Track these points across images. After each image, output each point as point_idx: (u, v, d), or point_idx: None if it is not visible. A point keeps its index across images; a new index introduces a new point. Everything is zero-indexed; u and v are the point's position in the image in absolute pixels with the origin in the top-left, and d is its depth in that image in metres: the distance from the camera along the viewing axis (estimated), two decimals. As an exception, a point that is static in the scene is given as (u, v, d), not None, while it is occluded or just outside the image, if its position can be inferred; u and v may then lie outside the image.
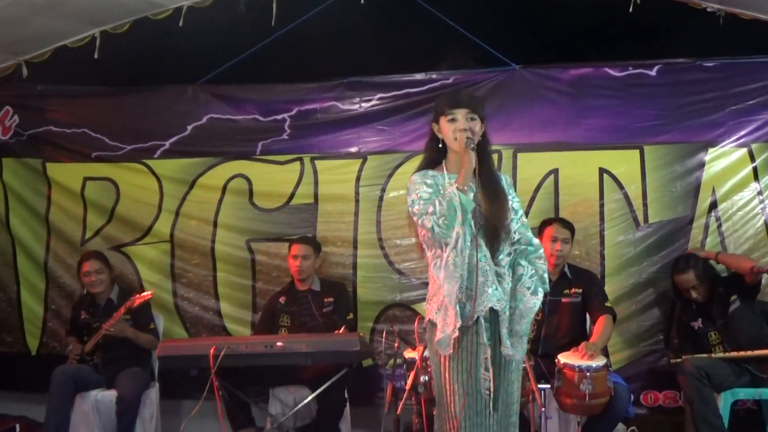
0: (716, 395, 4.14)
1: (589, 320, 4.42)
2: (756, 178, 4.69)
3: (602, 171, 4.82)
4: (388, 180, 5.05)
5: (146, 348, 4.76)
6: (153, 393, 4.72)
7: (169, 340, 4.78)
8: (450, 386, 2.82)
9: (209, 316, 5.22)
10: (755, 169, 4.69)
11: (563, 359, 3.93)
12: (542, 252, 2.99)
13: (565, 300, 4.38)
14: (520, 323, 2.88)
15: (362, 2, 4.77)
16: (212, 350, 3.97)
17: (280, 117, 5.16)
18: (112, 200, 5.31)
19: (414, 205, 2.87)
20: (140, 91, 5.36)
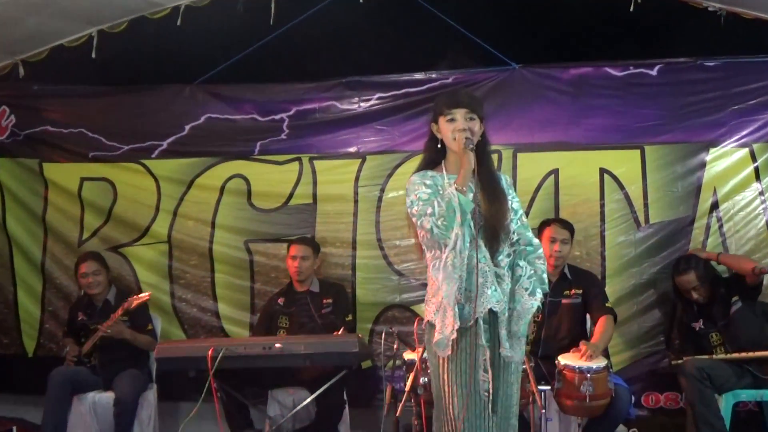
0: (717, 397, 4.12)
1: (589, 321, 4.40)
2: (757, 179, 4.68)
3: (603, 171, 4.80)
4: (387, 180, 5.03)
5: (144, 349, 4.75)
6: (151, 395, 4.70)
7: (167, 342, 4.77)
8: (449, 388, 2.81)
9: (207, 318, 5.19)
10: (757, 169, 4.68)
11: (563, 360, 3.93)
12: (542, 252, 2.97)
13: (565, 301, 4.36)
14: (518, 324, 2.86)
15: (361, 1, 4.75)
16: (210, 352, 3.95)
17: (278, 117, 5.14)
18: (110, 201, 5.29)
19: (413, 206, 2.85)
20: (138, 91, 5.33)
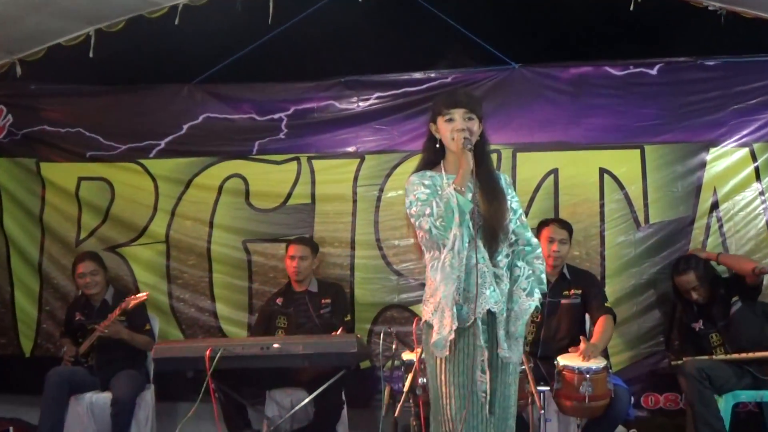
0: (717, 397, 4.11)
1: (588, 321, 4.39)
2: (758, 178, 4.67)
3: (602, 171, 4.79)
4: (386, 180, 5.01)
5: (141, 350, 4.73)
6: (148, 395, 4.69)
7: (165, 342, 4.74)
8: (446, 388, 2.80)
9: (205, 318, 5.18)
10: (757, 168, 4.67)
11: (562, 361, 3.92)
12: (540, 252, 2.96)
13: (564, 301, 4.35)
14: (515, 325, 2.85)
15: (360, 0, 4.73)
16: (208, 352, 3.93)
17: (276, 116, 5.12)
18: (107, 200, 5.27)
19: (412, 207, 2.85)
20: (135, 90, 5.32)
